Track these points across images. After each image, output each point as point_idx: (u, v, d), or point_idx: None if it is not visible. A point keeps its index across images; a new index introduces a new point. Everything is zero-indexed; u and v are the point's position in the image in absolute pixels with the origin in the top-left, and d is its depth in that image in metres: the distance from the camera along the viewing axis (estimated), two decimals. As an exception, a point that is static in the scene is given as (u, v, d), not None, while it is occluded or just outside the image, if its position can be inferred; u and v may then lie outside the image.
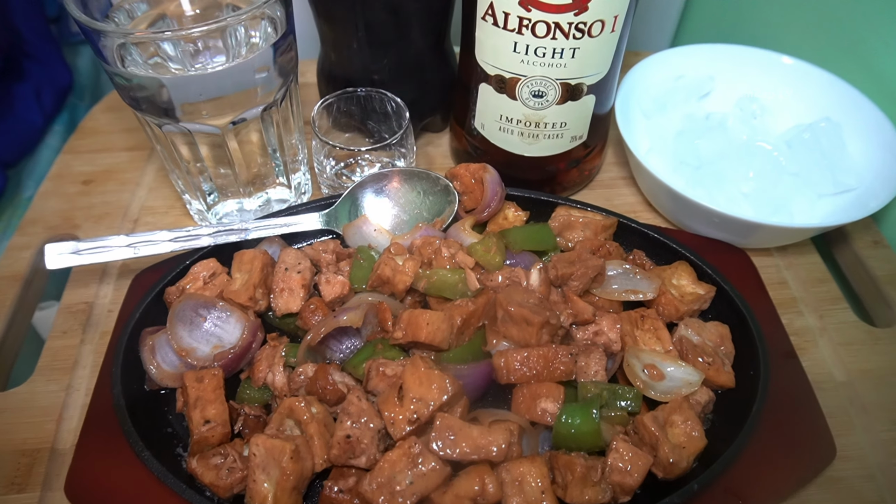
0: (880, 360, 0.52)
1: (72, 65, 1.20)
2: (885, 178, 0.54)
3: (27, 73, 1.07)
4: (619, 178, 0.65)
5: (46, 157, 1.06)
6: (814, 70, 0.62)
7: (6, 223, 0.96)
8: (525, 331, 0.43)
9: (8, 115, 1.03)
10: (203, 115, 0.47)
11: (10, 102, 1.04)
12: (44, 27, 1.11)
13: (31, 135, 1.05)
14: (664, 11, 0.86)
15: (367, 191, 0.53)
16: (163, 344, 0.45)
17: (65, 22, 1.19)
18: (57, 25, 1.17)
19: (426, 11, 0.55)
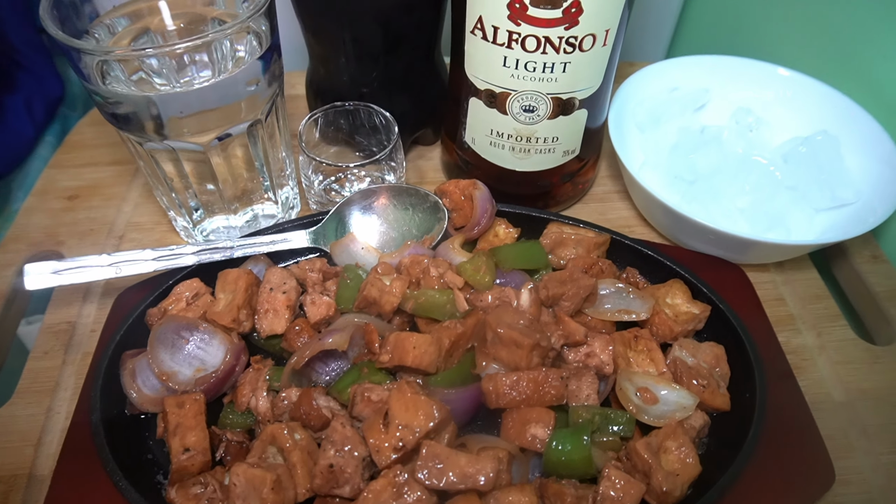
0: (880, 380, 0.51)
1: (64, 75, 1.19)
2: (884, 193, 0.53)
3: (18, 84, 1.06)
4: (613, 192, 0.64)
5: (37, 167, 1.05)
6: (810, 82, 0.61)
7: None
8: (515, 353, 0.42)
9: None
10: (185, 133, 0.46)
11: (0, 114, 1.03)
12: (35, 37, 1.10)
13: (21, 146, 1.04)
14: (659, 21, 0.85)
15: (355, 208, 0.52)
16: (144, 367, 0.44)
17: (56, 32, 1.17)
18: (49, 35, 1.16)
19: (415, 25, 0.54)
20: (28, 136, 1.05)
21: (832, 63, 0.64)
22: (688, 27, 0.88)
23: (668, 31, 0.87)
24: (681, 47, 0.90)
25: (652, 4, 0.83)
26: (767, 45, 0.72)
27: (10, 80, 1.06)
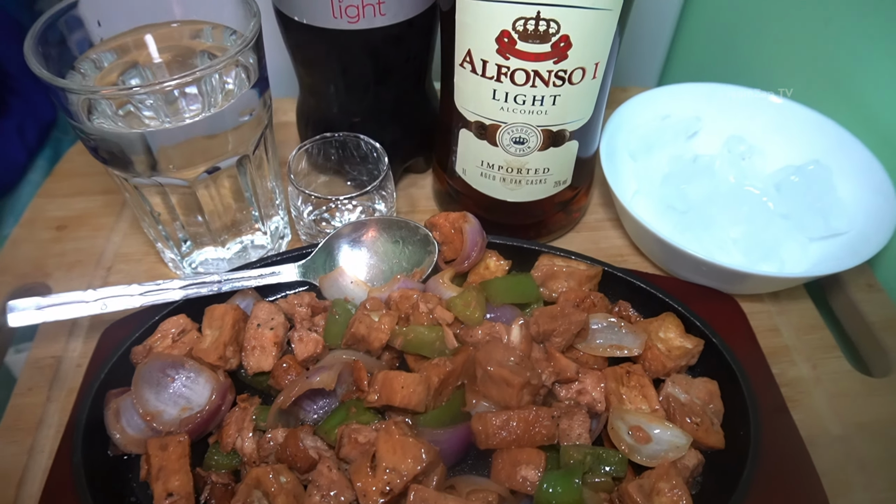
0: (878, 412, 0.50)
1: (57, 99, 1.18)
2: (878, 222, 0.53)
3: (10, 109, 1.06)
4: (606, 220, 0.63)
5: (28, 192, 1.05)
6: (803, 110, 0.61)
7: (-15, 262, 0.94)
8: (505, 392, 0.41)
9: (-11, 151, 1.01)
10: (171, 169, 0.45)
11: (-9, 138, 1.02)
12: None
13: (12, 172, 1.03)
14: (651, 47, 0.85)
15: (344, 241, 0.51)
16: (128, 407, 0.43)
17: (50, 56, 1.17)
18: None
19: (404, 56, 0.54)
20: (20, 162, 1.04)
21: (825, 91, 0.63)
22: (680, 53, 0.88)
23: (661, 57, 0.87)
24: (673, 73, 0.90)
25: (644, 30, 0.83)
26: (760, 72, 0.72)
27: (1, 105, 1.06)
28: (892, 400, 0.51)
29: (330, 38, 0.50)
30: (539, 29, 0.42)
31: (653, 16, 0.82)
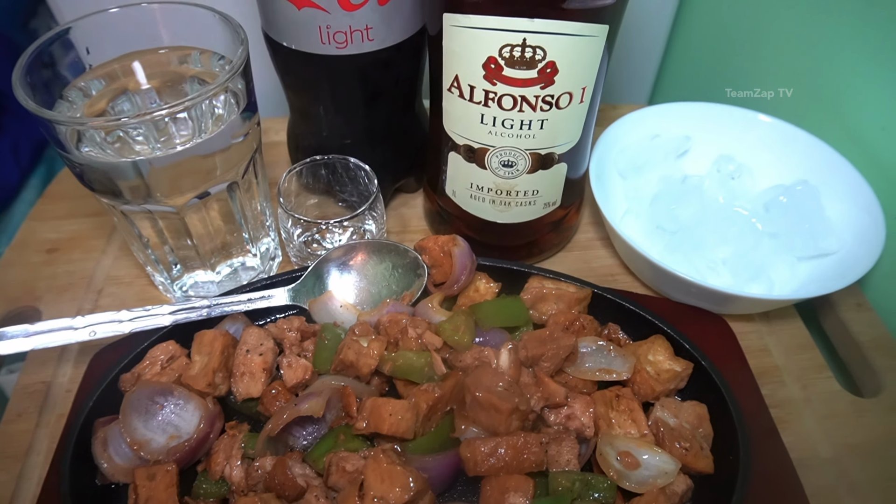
0: (868, 434, 0.50)
1: (51, 116, 1.18)
2: (866, 243, 0.53)
3: (4, 128, 1.06)
4: (597, 239, 0.64)
5: (21, 211, 1.05)
6: (791, 129, 0.61)
7: (-22, 281, 0.93)
8: (494, 417, 0.41)
9: (-18, 170, 1.01)
10: (160, 197, 0.45)
11: (-16, 158, 1.02)
12: (22, 80, 1.10)
13: (5, 190, 1.04)
14: (642, 65, 0.86)
15: (333, 265, 0.51)
16: (115, 436, 0.43)
17: (44, 74, 1.18)
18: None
19: (393, 80, 0.54)
20: (13, 181, 1.05)
21: (813, 110, 0.64)
22: (671, 71, 0.89)
23: (651, 75, 0.88)
24: (664, 90, 0.91)
25: (634, 49, 0.83)
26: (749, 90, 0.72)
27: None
28: (882, 421, 0.51)
29: (319, 63, 0.50)
30: (525, 56, 0.43)
31: (643, 34, 0.82)
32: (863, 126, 0.59)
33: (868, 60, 0.57)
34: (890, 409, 0.51)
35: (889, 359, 0.54)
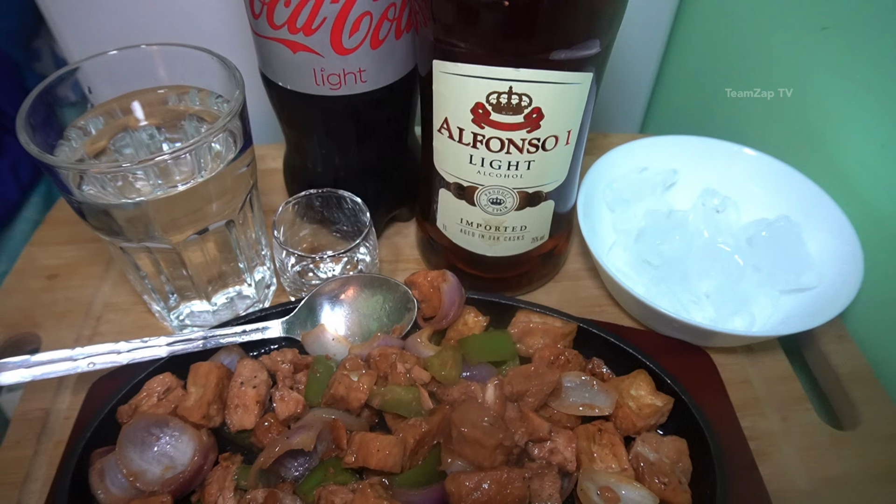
0: (845, 466, 0.51)
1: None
2: (846, 278, 0.55)
3: (5, 147, 1.07)
4: (585, 269, 0.65)
5: (21, 230, 1.06)
6: (776, 163, 0.63)
7: (-22, 299, 0.95)
8: (479, 452, 0.43)
9: (-17, 189, 1.02)
10: (157, 236, 0.47)
11: (-15, 177, 1.03)
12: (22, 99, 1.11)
13: (6, 209, 1.05)
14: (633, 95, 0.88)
15: (326, 299, 0.53)
16: (112, 467, 0.44)
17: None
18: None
19: (386, 117, 0.56)
20: (13, 200, 1.06)
21: (797, 145, 0.65)
22: (661, 101, 0.90)
23: (643, 103, 0.90)
24: (655, 120, 0.92)
25: (626, 79, 0.85)
26: (737, 124, 0.74)
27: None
28: (860, 453, 0.52)
29: (313, 103, 0.51)
30: (512, 102, 0.44)
31: (635, 65, 0.84)
32: (845, 162, 0.60)
33: (850, 100, 0.59)
34: (867, 441, 0.53)
35: (867, 391, 0.56)
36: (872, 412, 0.54)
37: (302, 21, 0.46)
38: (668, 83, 0.88)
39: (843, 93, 0.60)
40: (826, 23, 0.61)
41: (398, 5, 0.48)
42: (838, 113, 0.61)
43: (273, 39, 0.48)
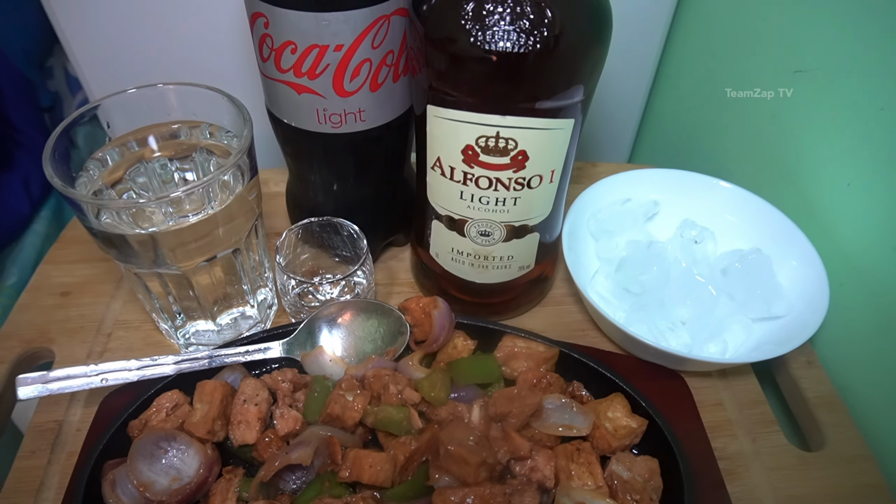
0: (810, 487, 0.55)
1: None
2: (813, 308, 0.58)
3: (17, 163, 1.11)
4: (569, 295, 0.69)
5: (31, 243, 1.10)
6: (751, 197, 0.67)
7: (-13, 310, 0.98)
8: (464, 469, 0.46)
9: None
10: (168, 264, 0.50)
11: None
12: (37, 117, 1.16)
13: (17, 223, 1.08)
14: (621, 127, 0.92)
15: (324, 322, 0.56)
16: (123, 477, 0.47)
17: (58, 111, 1.24)
18: (50, 114, 1.22)
19: (383, 152, 0.59)
20: (24, 214, 1.10)
21: (771, 180, 0.69)
22: (648, 132, 0.95)
23: (630, 136, 0.94)
24: (642, 150, 0.97)
25: (614, 111, 0.89)
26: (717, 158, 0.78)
27: (8, 158, 1.11)
28: (824, 474, 0.55)
29: (315, 139, 0.55)
30: (499, 145, 0.48)
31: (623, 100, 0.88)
32: (815, 198, 0.64)
33: (820, 140, 0.63)
34: (831, 463, 0.56)
35: (833, 415, 0.59)
36: (837, 435, 0.58)
37: (307, 66, 0.50)
38: (655, 116, 0.92)
39: (814, 133, 0.64)
40: (799, 66, 0.65)
41: (396, 52, 0.52)
42: (810, 151, 0.64)
43: (280, 81, 0.52)
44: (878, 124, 0.56)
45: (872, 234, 0.58)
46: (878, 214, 0.57)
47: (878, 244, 0.57)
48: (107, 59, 0.80)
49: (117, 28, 0.76)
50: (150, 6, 0.74)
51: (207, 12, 0.75)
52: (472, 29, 0.43)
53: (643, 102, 0.91)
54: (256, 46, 0.52)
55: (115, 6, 0.74)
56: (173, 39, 0.77)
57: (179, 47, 0.78)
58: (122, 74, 0.81)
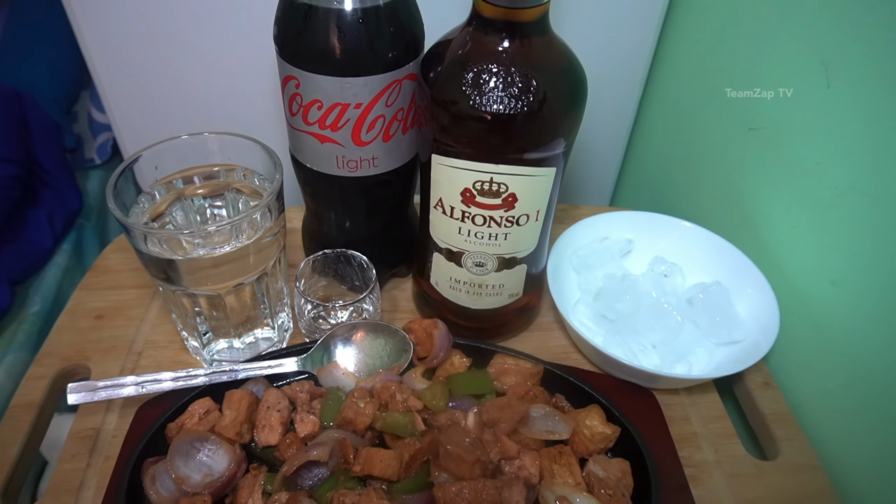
0: (765, 491, 0.62)
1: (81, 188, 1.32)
2: (766, 333, 0.66)
3: (42, 200, 1.19)
4: (554, 322, 0.77)
5: (53, 274, 1.17)
6: (712, 235, 0.76)
7: (11, 337, 1.05)
8: (461, 466, 0.53)
9: (21, 238, 1.14)
10: (210, 283, 0.58)
11: (24, 226, 1.16)
12: (61, 157, 1.25)
13: (40, 255, 1.16)
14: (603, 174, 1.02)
15: (338, 340, 0.64)
16: (162, 473, 0.54)
17: (80, 152, 1.33)
18: (72, 155, 1.31)
19: (391, 194, 0.68)
20: (47, 247, 1.17)
21: (732, 220, 0.79)
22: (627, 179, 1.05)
23: (611, 181, 1.04)
24: (622, 195, 1.07)
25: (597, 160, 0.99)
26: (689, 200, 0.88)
27: (35, 196, 1.20)
28: (777, 481, 0.63)
29: (333, 182, 0.64)
30: (492, 189, 0.57)
31: (603, 150, 0.99)
32: (767, 237, 0.73)
33: (771, 188, 0.72)
34: (784, 471, 0.63)
35: (786, 429, 0.67)
36: (790, 447, 0.65)
37: (330, 121, 0.59)
38: (633, 166, 1.03)
39: (766, 181, 0.73)
40: (753, 125, 0.75)
41: (405, 109, 0.61)
42: (763, 197, 0.74)
43: (306, 133, 0.61)
44: (815, 176, 0.66)
45: (815, 270, 0.67)
46: (818, 252, 0.66)
47: (819, 278, 0.66)
48: (137, 107, 0.89)
49: (150, 75, 0.85)
50: (184, 63, 0.84)
51: (236, 70, 0.84)
52: (470, 94, 0.53)
53: (622, 153, 1.02)
54: (286, 103, 0.61)
55: (152, 58, 0.83)
56: (201, 91, 0.87)
57: (205, 98, 0.87)
58: (151, 120, 0.90)
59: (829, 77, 0.63)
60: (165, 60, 0.84)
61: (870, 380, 0.60)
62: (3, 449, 0.62)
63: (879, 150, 0.58)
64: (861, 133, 0.60)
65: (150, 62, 0.84)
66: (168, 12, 0.79)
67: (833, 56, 0.63)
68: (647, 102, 0.98)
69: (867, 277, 0.60)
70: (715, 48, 0.82)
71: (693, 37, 0.87)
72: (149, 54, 0.83)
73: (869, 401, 0.61)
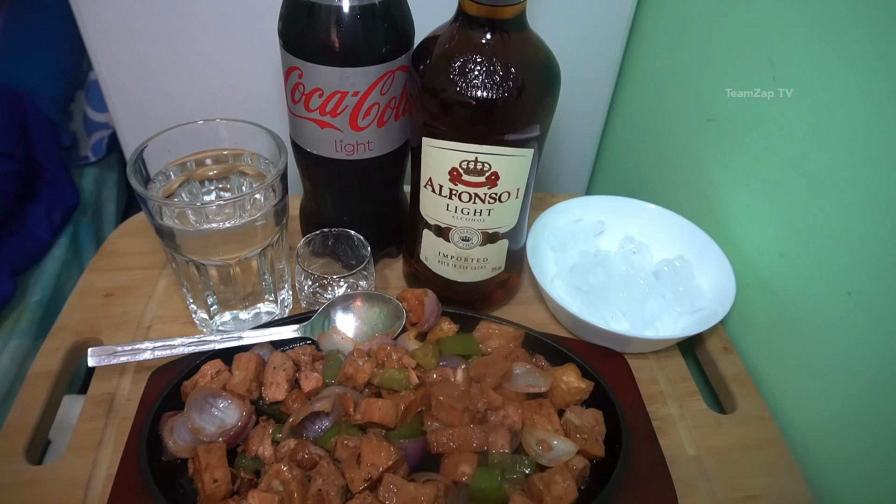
0: (722, 440, 0.69)
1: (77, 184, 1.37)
2: (722, 301, 0.74)
3: (40, 196, 1.24)
4: (534, 297, 0.83)
5: (52, 265, 1.21)
6: (674, 216, 0.83)
7: (13, 324, 1.10)
8: (451, 415, 0.59)
9: (21, 231, 1.19)
10: (218, 254, 0.64)
11: (23, 221, 1.20)
12: (58, 155, 1.29)
13: (39, 248, 1.20)
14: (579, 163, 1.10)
15: (338, 308, 0.70)
16: (179, 425, 0.59)
17: (75, 150, 1.37)
18: (68, 152, 1.35)
19: (384, 176, 0.74)
20: (45, 240, 1.22)
21: (694, 202, 0.86)
22: (602, 168, 1.12)
23: (587, 170, 1.12)
24: (598, 183, 1.14)
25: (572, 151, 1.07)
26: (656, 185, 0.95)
27: (34, 191, 1.24)
28: (734, 431, 0.70)
29: (331, 165, 0.70)
30: (477, 168, 0.63)
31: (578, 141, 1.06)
32: (725, 217, 0.81)
33: (727, 173, 0.80)
34: (740, 423, 0.71)
35: (743, 387, 0.74)
36: (746, 403, 0.73)
37: (329, 108, 0.65)
38: (607, 155, 1.10)
39: (722, 167, 0.81)
40: (710, 116, 0.82)
41: (398, 98, 0.67)
42: (720, 181, 0.81)
43: (307, 119, 0.67)
44: (764, 160, 0.73)
45: (765, 243, 0.74)
46: (768, 227, 0.74)
47: (770, 251, 0.74)
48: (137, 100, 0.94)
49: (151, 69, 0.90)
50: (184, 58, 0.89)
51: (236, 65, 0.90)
52: (457, 81, 0.59)
53: (597, 143, 1.09)
54: (289, 92, 0.67)
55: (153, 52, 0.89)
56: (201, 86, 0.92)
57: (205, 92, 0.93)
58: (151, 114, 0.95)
59: (774, 70, 0.71)
60: (166, 55, 0.89)
61: (813, 338, 0.68)
62: (25, 412, 0.67)
63: (817, 135, 0.66)
64: (801, 120, 0.68)
65: (152, 57, 0.89)
66: (169, 7, 0.85)
67: (777, 52, 0.70)
68: (618, 99, 1.06)
69: (808, 248, 0.68)
70: (677, 46, 0.90)
71: (658, 37, 0.95)
72: (150, 49, 0.88)
73: (813, 358, 0.68)
